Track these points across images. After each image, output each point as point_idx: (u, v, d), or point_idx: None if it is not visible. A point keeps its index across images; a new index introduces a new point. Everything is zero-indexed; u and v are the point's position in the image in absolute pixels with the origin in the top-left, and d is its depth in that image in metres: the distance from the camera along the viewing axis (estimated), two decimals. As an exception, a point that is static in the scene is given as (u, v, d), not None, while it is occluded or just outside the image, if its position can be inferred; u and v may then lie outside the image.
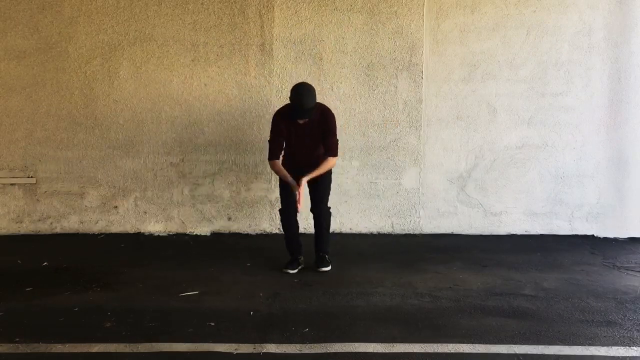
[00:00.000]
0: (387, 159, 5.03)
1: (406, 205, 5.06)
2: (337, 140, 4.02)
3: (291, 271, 3.95)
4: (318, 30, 4.94)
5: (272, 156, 3.99)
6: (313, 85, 4.00)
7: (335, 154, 3.99)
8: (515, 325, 3.01)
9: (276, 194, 5.02)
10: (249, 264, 4.15)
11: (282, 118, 3.98)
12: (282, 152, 4.03)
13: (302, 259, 4.05)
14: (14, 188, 5.04)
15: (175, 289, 3.57)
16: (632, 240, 4.96)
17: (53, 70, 4.97)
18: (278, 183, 4.07)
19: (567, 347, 2.76)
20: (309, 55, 4.94)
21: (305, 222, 5.03)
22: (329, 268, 4.00)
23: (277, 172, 4.03)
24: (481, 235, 5.04)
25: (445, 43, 4.98)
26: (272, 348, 2.73)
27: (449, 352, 2.70)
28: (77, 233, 5.06)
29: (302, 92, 3.80)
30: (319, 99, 4.87)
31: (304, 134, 3.93)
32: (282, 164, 4.00)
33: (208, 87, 4.98)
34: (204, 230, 5.06)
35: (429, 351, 2.70)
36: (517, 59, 4.99)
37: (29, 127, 5.01)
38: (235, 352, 2.68)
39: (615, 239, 4.99)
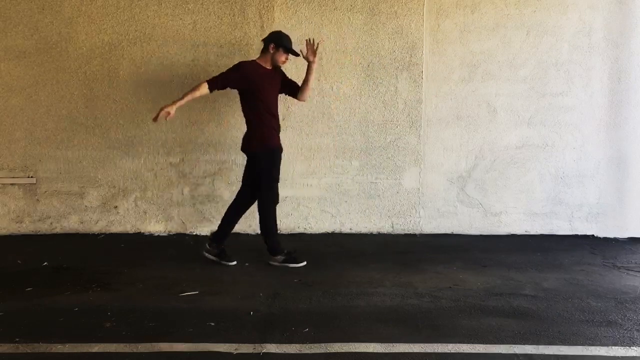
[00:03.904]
0: (387, 159, 5.03)
1: (406, 205, 5.06)
2: None
3: (231, 263, 4.11)
4: (318, 30, 4.93)
5: (211, 82, 3.99)
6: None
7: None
8: (515, 325, 3.01)
9: (276, 194, 5.03)
10: (248, 264, 4.15)
11: (254, 68, 4.05)
12: (254, 111, 4.06)
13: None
14: (14, 188, 5.04)
15: (175, 289, 3.57)
16: (632, 240, 4.97)
17: (53, 70, 4.97)
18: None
19: (567, 347, 2.76)
20: (309, 55, 4.94)
21: (305, 221, 5.04)
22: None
23: (191, 93, 3.99)
24: (481, 235, 5.04)
25: (445, 43, 4.98)
26: (272, 348, 2.73)
27: (449, 352, 2.70)
28: (77, 233, 5.06)
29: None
30: (320, 97, 4.89)
31: (274, 86, 4.11)
32: (264, 126, 4.05)
33: (208, 87, 4.98)
34: (204, 230, 5.06)
35: (429, 351, 2.70)
36: (517, 59, 4.99)
37: (29, 127, 5.01)
38: (235, 352, 2.68)
39: (615, 239, 4.99)
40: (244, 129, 4.97)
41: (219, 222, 4.21)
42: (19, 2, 4.94)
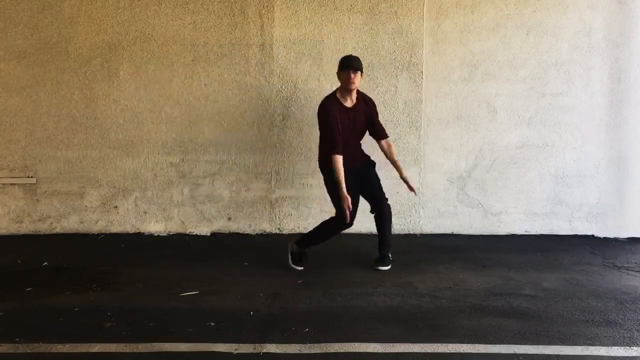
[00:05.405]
0: (387, 159, 5.01)
1: (406, 205, 5.06)
2: None
3: (299, 268, 4.01)
4: (318, 30, 4.94)
5: (338, 149, 3.76)
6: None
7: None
8: (515, 325, 3.01)
9: (276, 194, 5.03)
10: (248, 264, 4.15)
11: (334, 105, 3.89)
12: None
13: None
14: (14, 188, 5.04)
15: (175, 289, 3.57)
16: (632, 240, 4.97)
17: (53, 70, 4.97)
18: (338, 191, 3.81)
19: (567, 347, 2.76)
20: (309, 55, 4.94)
21: (305, 222, 5.03)
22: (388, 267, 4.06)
23: (338, 171, 3.76)
24: (481, 235, 5.04)
25: (445, 43, 4.98)
26: (272, 348, 2.73)
27: (449, 352, 2.70)
28: (77, 233, 5.05)
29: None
30: (320, 97, 4.87)
31: (354, 122, 3.96)
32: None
33: (208, 87, 4.98)
34: (204, 230, 5.06)
35: (429, 351, 2.70)
36: (517, 59, 4.99)
37: (29, 127, 5.01)
38: (235, 352, 2.69)
39: (615, 239, 4.99)
40: (244, 129, 5.01)
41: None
42: (19, 2, 4.94)
